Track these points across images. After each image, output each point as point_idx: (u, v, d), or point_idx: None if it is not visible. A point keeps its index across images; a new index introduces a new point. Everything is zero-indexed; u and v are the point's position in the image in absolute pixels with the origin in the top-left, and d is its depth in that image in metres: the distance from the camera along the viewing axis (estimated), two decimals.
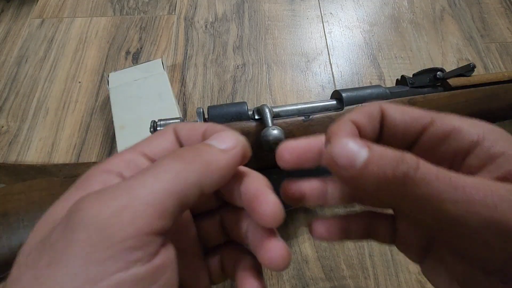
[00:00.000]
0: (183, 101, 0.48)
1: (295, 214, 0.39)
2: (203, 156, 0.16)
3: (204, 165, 0.16)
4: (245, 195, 0.18)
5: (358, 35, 0.55)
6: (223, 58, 0.52)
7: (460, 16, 0.57)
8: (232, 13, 0.57)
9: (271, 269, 0.17)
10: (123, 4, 0.58)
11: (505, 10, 0.58)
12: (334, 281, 0.35)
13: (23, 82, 0.50)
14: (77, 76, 0.50)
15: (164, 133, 0.19)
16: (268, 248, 0.17)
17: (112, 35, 0.54)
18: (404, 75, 0.39)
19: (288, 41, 0.54)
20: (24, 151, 0.44)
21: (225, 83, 0.49)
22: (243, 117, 0.32)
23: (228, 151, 0.17)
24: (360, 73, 0.51)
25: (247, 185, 0.18)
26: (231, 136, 0.18)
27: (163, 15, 0.57)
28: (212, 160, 0.16)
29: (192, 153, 0.16)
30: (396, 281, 0.35)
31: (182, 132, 0.19)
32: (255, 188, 0.17)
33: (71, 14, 0.57)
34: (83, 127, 0.46)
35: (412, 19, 0.57)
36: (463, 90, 0.37)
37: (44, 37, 0.54)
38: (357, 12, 0.58)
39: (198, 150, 0.16)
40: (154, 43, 0.53)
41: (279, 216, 0.17)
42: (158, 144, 0.18)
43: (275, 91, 0.49)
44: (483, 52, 0.53)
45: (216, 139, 0.17)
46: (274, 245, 0.17)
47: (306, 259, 0.36)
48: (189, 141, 0.19)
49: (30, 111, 0.47)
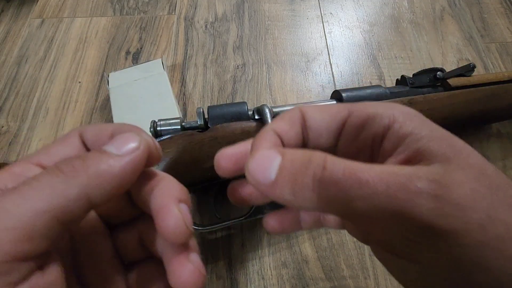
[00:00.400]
0: (183, 101, 0.48)
1: None
2: (90, 165, 0.14)
3: (91, 176, 0.14)
4: (152, 207, 0.16)
5: (358, 35, 0.55)
6: (223, 58, 0.52)
7: (460, 16, 0.57)
8: (232, 13, 0.57)
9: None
10: (123, 4, 0.58)
11: (505, 10, 0.58)
12: (334, 281, 0.35)
13: (23, 82, 0.50)
14: (77, 76, 0.50)
15: (66, 138, 0.17)
16: (176, 271, 0.15)
17: (112, 35, 0.54)
18: (404, 75, 0.39)
19: (288, 41, 0.54)
20: (24, 151, 0.44)
21: (225, 83, 0.49)
22: (243, 117, 0.32)
23: (125, 156, 0.15)
24: (360, 73, 0.51)
25: (154, 195, 0.16)
26: (131, 138, 0.16)
27: (163, 15, 0.57)
28: (102, 168, 0.14)
29: (75, 164, 0.14)
30: (396, 281, 0.35)
31: (88, 135, 0.17)
32: (160, 199, 0.16)
33: (71, 14, 0.57)
34: None
35: (412, 19, 0.57)
36: (463, 90, 0.37)
37: (44, 37, 0.54)
38: (357, 12, 0.58)
39: (84, 159, 0.15)
40: (154, 43, 0.53)
41: (182, 232, 0.15)
42: (58, 151, 0.17)
43: (275, 91, 0.49)
44: (483, 52, 0.53)
45: (114, 143, 0.16)
46: (183, 267, 0.15)
47: (306, 259, 0.36)
48: (96, 145, 0.17)
49: (30, 111, 0.47)
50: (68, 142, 0.17)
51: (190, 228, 0.15)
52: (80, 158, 0.15)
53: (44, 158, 0.16)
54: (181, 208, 0.15)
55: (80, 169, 0.14)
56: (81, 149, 0.17)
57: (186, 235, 0.15)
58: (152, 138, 0.17)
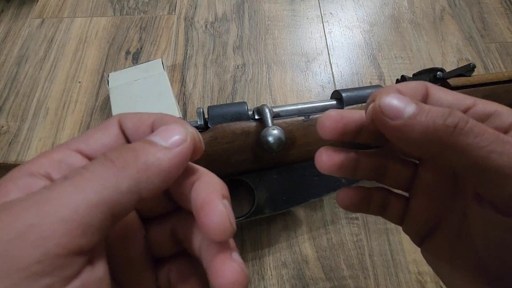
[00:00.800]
0: (183, 101, 0.48)
1: (295, 214, 0.39)
2: (140, 157, 0.14)
3: (141, 169, 0.14)
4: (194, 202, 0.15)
5: (358, 35, 0.55)
6: (223, 58, 0.52)
7: (460, 16, 0.57)
8: (232, 13, 0.57)
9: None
10: (123, 4, 0.58)
11: (505, 10, 0.58)
12: (334, 281, 0.35)
13: (23, 82, 0.50)
14: (77, 76, 0.50)
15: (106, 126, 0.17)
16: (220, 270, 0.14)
17: (112, 35, 0.54)
18: (404, 75, 0.39)
19: (288, 41, 0.54)
20: (24, 151, 0.44)
21: (225, 83, 0.49)
22: (243, 117, 0.32)
23: (173, 149, 0.15)
24: (360, 73, 0.51)
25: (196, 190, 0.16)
26: (178, 130, 0.15)
27: (163, 15, 0.57)
28: (151, 161, 0.14)
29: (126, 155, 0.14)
30: (396, 281, 0.35)
31: (128, 124, 0.17)
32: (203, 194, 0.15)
33: (71, 14, 0.57)
34: (83, 127, 0.46)
35: (412, 19, 0.57)
36: (463, 90, 0.37)
37: (44, 37, 0.54)
38: (357, 12, 0.58)
39: (134, 150, 0.14)
40: (154, 43, 0.53)
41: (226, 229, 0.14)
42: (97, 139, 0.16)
43: (275, 91, 0.49)
44: (483, 52, 0.53)
45: (160, 134, 0.15)
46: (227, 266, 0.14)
47: (306, 259, 0.36)
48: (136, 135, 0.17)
49: (30, 111, 0.47)
50: (108, 130, 0.16)
51: (234, 225, 0.15)
52: (130, 149, 0.14)
53: (83, 145, 0.16)
54: (225, 204, 0.15)
55: (131, 161, 0.14)
56: (120, 138, 0.17)
57: (230, 233, 0.14)
58: (196, 130, 0.16)
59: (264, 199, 0.33)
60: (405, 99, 0.16)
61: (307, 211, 0.39)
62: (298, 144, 0.33)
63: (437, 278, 0.35)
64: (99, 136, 0.16)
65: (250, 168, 0.33)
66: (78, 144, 0.16)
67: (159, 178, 0.14)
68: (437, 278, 0.35)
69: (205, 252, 0.16)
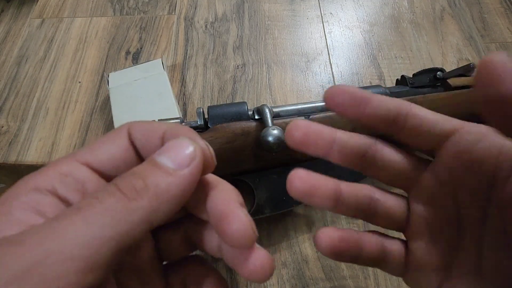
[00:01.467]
0: (183, 101, 0.48)
1: (295, 214, 0.39)
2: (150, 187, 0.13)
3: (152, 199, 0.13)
4: (212, 212, 0.15)
5: (358, 35, 0.55)
6: (223, 58, 0.52)
7: (460, 16, 0.57)
8: (232, 13, 0.57)
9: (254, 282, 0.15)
10: (123, 4, 0.58)
11: (505, 10, 0.58)
12: (334, 281, 0.35)
13: (23, 82, 0.50)
14: (77, 76, 0.50)
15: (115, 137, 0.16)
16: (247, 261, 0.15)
17: (112, 35, 0.54)
18: (404, 75, 0.39)
19: (288, 41, 0.54)
20: (24, 151, 0.44)
21: (225, 83, 0.49)
22: (243, 117, 0.32)
23: (181, 171, 0.14)
24: (360, 73, 0.51)
25: (213, 200, 0.15)
26: (186, 147, 0.14)
27: (163, 15, 0.57)
28: (161, 188, 0.13)
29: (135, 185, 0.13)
30: (396, 281, 0.35)
31: (138, 135, 0.16)
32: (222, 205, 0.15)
33: (71, 14, 0.57)
34: (83, 127, 0.46)
35: (412, 19, 0.57)
36: (463, 90, 0.37)
37: (44, 37, 0.54)
38: (357, 12, 0.58)
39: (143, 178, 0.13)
40: (154, 43, 0.53)
41: (250, 237, 0.14)
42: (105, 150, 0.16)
43: (275, 91, 0.49)
44: (483, 52, 0.53)
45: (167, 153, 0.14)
46: (253, 256, 0.15)
47: (306, 259, 0.36)
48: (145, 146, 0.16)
49: (30, 111, 0.47)
50: (117, 141, 0.16)
51: (256, 232, 0.15)
52: (139, 177, 0.14)
53: (91, 157, 0.15)
54: (245, 212, 0.15)
55: (142, 191, 0.13)
56: (130, 149, 0.16)
57: (253, 240, 0.15)
58: (206, 144, 0.16)
59: (264, 199, 0.33)
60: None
61: (307, 211, 0.39)
62: None
63: None
64: (108, 147, 0.16)
65: (250, 168, 0.33)
66: (85, 156, 0.15)
67: (169, 205, 0.14)
68: None
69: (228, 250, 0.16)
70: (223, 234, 0.14)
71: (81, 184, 0.15)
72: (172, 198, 0.14)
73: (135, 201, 0.13)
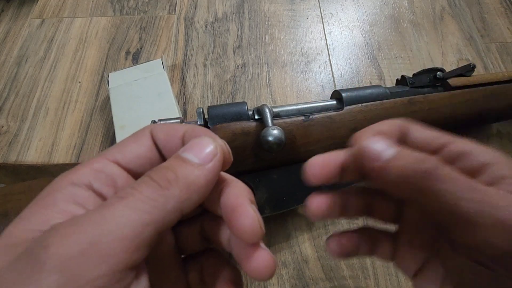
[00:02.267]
0: (183, 101, 0.48)
1: (295, 214, 0.39)
2: (180, 178, 0.15)
3: (183, 188, 0.15)
4: (224, 206, 0.17)
5: (358, 35, 0.55)
6: (223, 58, 0.52)
7: (460, 16, 0.57)
8: (232, 13, 0.57)
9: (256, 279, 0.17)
10: (123, 4, 0.58)
11: (505, 10, 0.58)
12: (334, 281, 0.35)
13: (23, 82, 0.50)
14: (77, 76, 0.50)
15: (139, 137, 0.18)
16: (252, 258, 0.16)
17: (112, 35, 0.54)
18: (404, 75, 0.39)
19: (288, 41, 0.54)
20: (24, 151, 0.44)
21: (225, 83, 0.49)
22: (243, 117, 0.32)
23: (206, 165, 0.16)
24: (360, 73, 0.51)
25: (226, 196, 0.17)
26: (207, 145, 0.16)
27: (163, 15, 0.57)
28: (190, 180, 0.15)
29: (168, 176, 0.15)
30: (396, 281, 0.35)
31: (160, 135, 0.18)
32: (234, 200, 0.16)
33: (71, 14, 0.57)
34: (83, 127, 0.46)
35: (412, 19, 0.57)
36: (463, 90, 0.37)
37: (44, 37, 0.54)
38: (357, 12, 0.58)
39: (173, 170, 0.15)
40: (154, 43, 0.53)
41: (257, 231, 0.16)
42: (132, 150, 0.17)
43: (275, 91, 0.49)
44: (483, 52, 0.53)
45: (191, 150, 0.16)
46: (258, 254, 0.16)
47: (306, 259, 0.36)
48: (167, 146, 0.18)
49: (30, 111, 0.47)
50: (141, 141, 0.17)
51: (263, 228, 0.16)
52: (169, 169, 0.15)
53: (119, 155, 0.17)
54: (254, 209, 0.16)
55: (174, 182, 0.15)
56: (153, 148, 0.18)
57: (260, 235, 0.16)
58: (224, 142, 0.17)
59: (264, 199, 0.33)
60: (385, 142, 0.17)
61: None
62: (298, 144, 0.33)
63: None
64: (133, 146, 0.17)
65: (250, 168, 0.33)
66: (114, 154, 0.17)
67: (198, 195, 0.15)
68: None
69: (237, 246, 0.17)
70: (232, 228, 0.16)
71: (113, 179, 0.16)
72: (199, 189, 0.15)
73: (168, 190, 0.14)
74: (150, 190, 0.14)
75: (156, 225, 0.14)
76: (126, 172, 0.17)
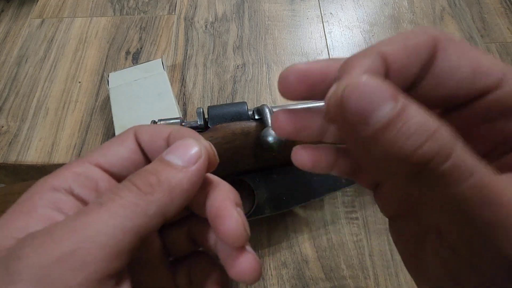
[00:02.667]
0: (183, 101, 0.48)
1: (295, 214, 0.39)
2: (163, 181, 0.14)
3: (165, 193, 0.14)
4: (209, 210, 0.16)
5: (358, 35, 0.55)
6: (223, 58, 0.52)
7: (460, 16, 0.57)
8: (232, 13, 0.57)
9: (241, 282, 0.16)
10: (123, 4, 0.58)
11: (505, 10, 0.58)
12: (334, 281, 0.35)
13: (23, 82, 0.50)
14: (77, 76, 0.50)
15: (123, 140, 0.17)
16: (236, 261, 0.16)
17: (112, 35, 0.54)
18: None
19: (288, 41, 0.54)
20: (24, 151, 0.44)
21: (225, 83, 0.49)
22: (243, 117, 0.32)
23: (189, 167, 0.15)
24: None
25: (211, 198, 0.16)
26: (192, 145, 0.16)
27: (163, 15, 0.57)
28: (173, 184, 0.14)
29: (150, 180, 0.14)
30: (396, 281, 0.35)
31: (144, 137, 0.17)
32: (219, 203, 0.16)
33: (71, 14, 0.57)
34: (83, 127, 0.46)
35: (412, 19, 0.57)
36: None
37: (44, 37, 0.54)
38: (357, 12, 0.58)
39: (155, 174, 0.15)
40: (154, 43, 0.53)
41: (242, 235, 0.15)
42: (115, 152, 0.17)
43: (275, 91, 0.49)
44: None
45: (176, 151, 0.15)
46: (243, 258, 0.16)
47: (306, 259, 0.36)
48: (152, 148, 0.17)
49: (30, 111, 0.47)
50: (124, 143, 0.17)
51: (248, 231, 0.16)
52: (152, 173, 0.15)
53: (102, 158, 0.16)
54: (239, 212, 0.16)
55: (156, 186, 0.14)
56: (137, 151, 0.17)
57: (245, 239, 0.15)
58: (209, 144, 0.17)
59: (264, 199, 0.33)
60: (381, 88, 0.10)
61: (307, 211, 0.39)
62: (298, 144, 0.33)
63: None
64: (116, 149, 0.17)
65: (250, 168, 0.33)
66: (96, 158, 0.16)
67: (181, 199, 0.15)
68: None
69: (222, 248, 0.17)
70: (217, 231, 0.15)
71: (95, 183, 0.16)
72: (182, 192, 0.15)
73: (150, 195, 0.14)
74: (131, 195, 0.14)
75: (138, 230, 0.13)
76: (109, 176, 0.17)
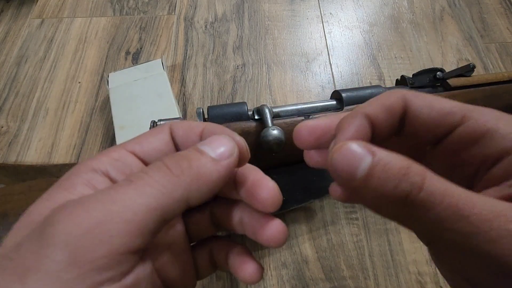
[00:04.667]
0: (183, 101, 0.48)
1: (295, 214, 0.39)
2: (193, 167, 0.15)
3: (193, 178, 0.15)
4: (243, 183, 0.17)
5: (358, 35, 0.55)
6: (223, 58, 0.52)
7: (460, 16, 0.57)
8: (232, 13, 0.57)
9: (271, 246, 0.18)
10: (123, 4, 0.58)
11: (505, 10, 0.58)
12: (334, 281, 0.35)
13: (23, 82, 0.50)
14: (77, 76, 0.50)
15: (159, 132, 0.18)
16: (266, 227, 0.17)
17: (112, 35, 0.54)
18: (404, 75, 0.39)
19: (288, 41, 0.54)
20: (24, 151, 0.44)
21: (225, 83, 0.49)
22: (243, 117, 0.32)
23: (221, 161, 0.16)
24: (360, 73, 0.51)
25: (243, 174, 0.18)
26: (227, 141, 0.16)
27: (163, 15, 0.57)
28: (203, 172, 0.15)
29: (181, 164, 0.15)
30: (396, 281, 0.35)
31: (179, 131, 0.18)
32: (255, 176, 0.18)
33: (71, 14, 0.57)
34: (83, 127, 0.46)
35: (412, 19, 0.57)
36: (463, 90, 0.37)
37: (44, 37, 0.54)
38: (357, 12, 0.58)
39: (187, 159, 0.15)
40: (154, 43, 0.53)
41: (279, 200, 0.17)
42: (150, 143, 0.18)
43: (275, 91, 0.49)
44: (483, 52, 0.53)
45: (210, 144, 0.16)
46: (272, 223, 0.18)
47: (306, 260, 0.36)
48: (185, 142, 0.18)
49: (30, 111, 0.47)
50: (160, 135, 0.18)
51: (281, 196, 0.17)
52: (184, 157, 0.15)
53: (137, 147, 0.17)
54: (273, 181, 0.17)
55: (186, 171, 0.15)
56: (170, 143, 0.18)
57: (280, 203, 0.17)
58: (242, 140, 0.17)
59: None
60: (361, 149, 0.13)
61: (307, 211, 0.39)
62: None
63: (437, 279, 0.35)
64: (152, 140, 0.18)
65: None
66: (133, 146, 0.17)
67: (207, 188, 0.15)
68: (437, 279, 0.35)
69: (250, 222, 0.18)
70: (256, 200, 0.17)
71: (129, 168, 0.17)
72: (209, 183, 0.15)
73: (178, 177, 0.14)
74: (160, 175, 0.14)
75: (162, 211, 0.14)
76: (143, 164, 0.17)
